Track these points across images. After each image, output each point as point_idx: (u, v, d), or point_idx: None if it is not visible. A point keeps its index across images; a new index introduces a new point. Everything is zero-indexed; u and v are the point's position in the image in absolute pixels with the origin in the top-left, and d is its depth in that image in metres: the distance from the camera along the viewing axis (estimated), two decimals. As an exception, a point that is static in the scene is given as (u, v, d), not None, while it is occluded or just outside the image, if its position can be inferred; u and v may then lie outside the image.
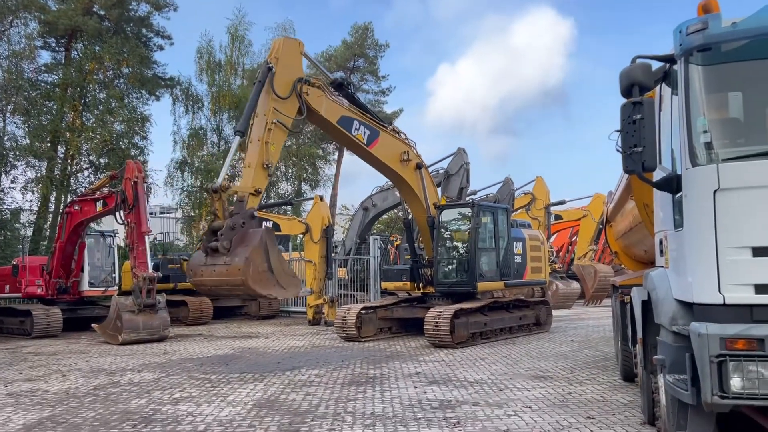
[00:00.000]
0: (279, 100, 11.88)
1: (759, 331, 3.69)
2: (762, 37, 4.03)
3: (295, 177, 36.01)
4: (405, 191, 15.37)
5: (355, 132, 13.71)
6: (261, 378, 9.76)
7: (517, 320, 15.37)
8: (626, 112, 4.22)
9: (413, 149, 15.23)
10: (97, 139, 26.70)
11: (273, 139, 11.75)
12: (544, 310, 16.56)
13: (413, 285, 15.24)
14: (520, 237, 15.97)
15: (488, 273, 14.52)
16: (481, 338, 13.96)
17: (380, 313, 15.08)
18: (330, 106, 13.21)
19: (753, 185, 3.86)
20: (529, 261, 16.06)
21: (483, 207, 14.88)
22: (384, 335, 15.14)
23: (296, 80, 12.23)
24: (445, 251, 14.98)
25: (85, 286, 19.39)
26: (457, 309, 13.21)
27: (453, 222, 15.24)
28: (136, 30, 31.05)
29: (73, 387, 9.47)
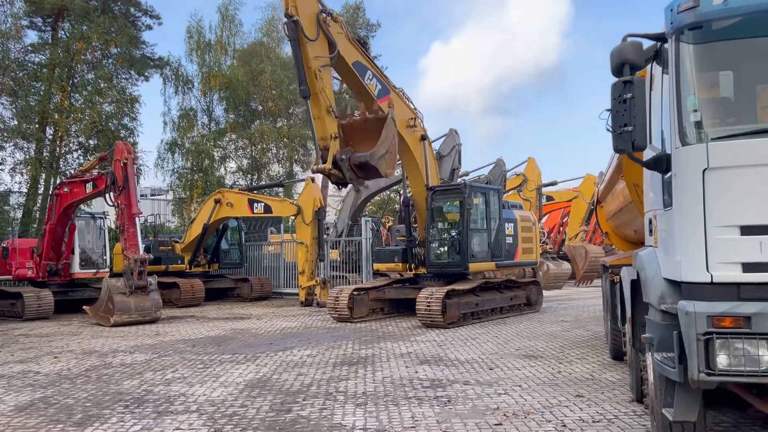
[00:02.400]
0: (313, 44, 12.44)
1: (746, 308, 3.72)
2: (753, 15, 4.01)
3: (286, 158, 35.87)
4: (407, 161, 15.39)
5: (368, 81, 14.03)
6: (253, 359, 9.79)
7: (508, 300, 15.46)
8: (617, 91, 4.21)
9: (419, 120, 15.35)
10: (86, 120, 26.42)
11: (325, 84, 12.65)
12: (535, 291, 16.65)
13: (405, 266, 15.23)
14: (512, 218, 16.01)
15: (480, 254, 14.56)
16: (473, 318, 14.03)
17: (372, 294, 15.11)
18: (347, 46, 13.54)
19: (742, 164, 3.86)
20: (521, 242, 16.12)
21: (475, 188, 14.85)
22: (376, 316, 15.20)
23: (318, 13, 12.69)
24: (437, 232, 14.99)
25: (75, 268, 19.37)
26: (448, 290, 13.26)
27: (445, 203, 15.26)
28: (123, 9, 30.62)
29: (65, 368, 9.47)
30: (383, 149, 12.50)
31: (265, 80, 32.91)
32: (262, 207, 20.64)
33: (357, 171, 12.71)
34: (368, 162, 12.41)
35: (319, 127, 12.59)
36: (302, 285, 19.39)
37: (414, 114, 15.25)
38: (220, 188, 24.94)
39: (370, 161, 12.39)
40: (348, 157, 12.53)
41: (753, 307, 3.71)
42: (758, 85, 4.29)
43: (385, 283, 15.80)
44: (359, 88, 14.19)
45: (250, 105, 34.82)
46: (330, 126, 12.58)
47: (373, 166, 12.43)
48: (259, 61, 33.21)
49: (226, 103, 33.85)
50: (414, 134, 15.06)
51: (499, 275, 15.87)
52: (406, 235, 15.41)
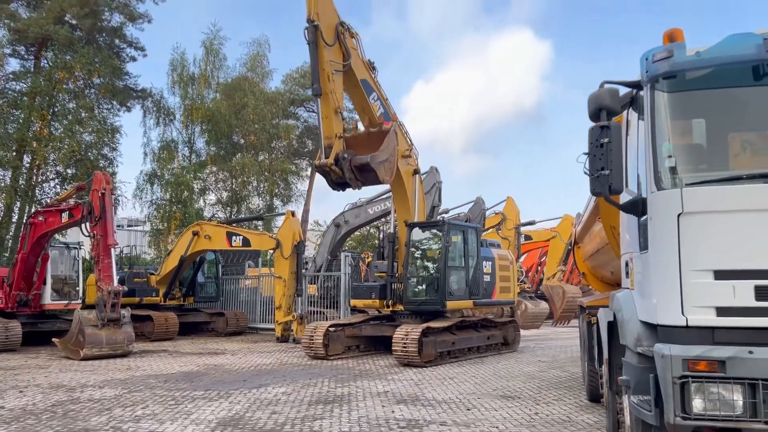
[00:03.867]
0: (329, 49, 13.13)
1: (720, 353, 3.76)
2: (724, 66, 4.16)
3: (267, 192, 35.78)
4: (397, 193, 15.59)
5: (372, 101, 14.61)
6: (226, 396, 9.59)
7: (485, 340, 15.34)
8: (594, 135, 4.30)
9: (415, 155, 15.67)
10: (65, 149, 26.21)
11: (336, 88, 13.23)
12: (512, 330, 16.55)
13: (382, 302, 15.06)
14: (490, 256, 15.99)
15: (457, 292, 14.50)
16: (450, 357, 13.88)
17: (348, 331, 14.94)
18: (358, 62, 14.20)
19: (715, 210, 3.95)
20: (498, 280, 16.08)
21: (453, 226, 14.88)
22: (352, 353, 14.97)
23: (337, 24, 13.55)
24: (415, 269, 14.92)
25: (47, 299, 18.86)
26: (425, 327, 13.15)
27: (423, 240, 15.22)
28: (108, 40, 30.72)
29: (30, 403, 9.17)
30: (384, 155, 13.00)
31: (248, 114, 33.05)
32: (241, 240, 20.45)
33: (357, 173, 13.06)
34: (369, 164, 12.79)
35: (326, 125, 13.04)
36: (279, 320, 19.14)
37: (410, 146, 15.58)
38: (198, 220, 24.73)
39: (371, 163, 12.78)
40: (350, 157, 12.90)
41: (727, 351, 3.74)
42: (730, 134, 4.41)
43: (362, 319, 15.59)
44: (363, 105, 14.68)
45: (231, 138, 34.85)
46: (336, 126, 13.04)
47: (373, 169, 12.80)
48: (243, 95, 33.38)
49: (207, 136, 33.83)
50: (408, 167, 15.32)
51: (477, 314, 15.76)
52: (387, 271, 15.24)
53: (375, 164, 12.80)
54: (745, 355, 3.70)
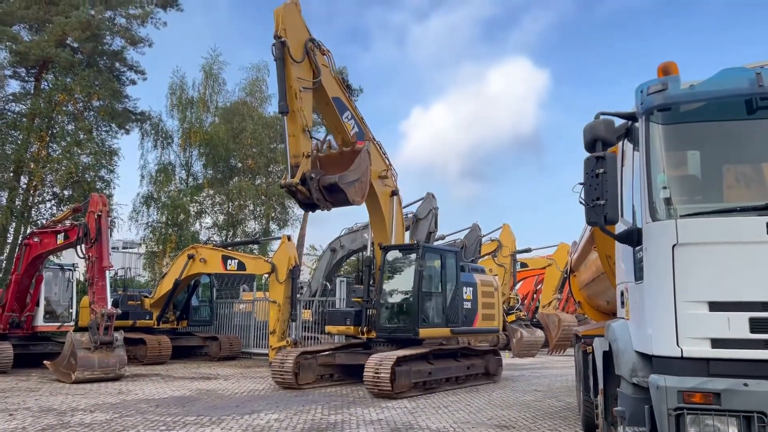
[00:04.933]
0: (297, 66, 12.78)
1: (715, 385, 3.75)
2: (717, 100, 4.23)
3: (263, 216, 35.77)
4: (374, 215, 15.17)
5: (346, 120, 14.18)
6: (218, 422, 9.49)
7: (465, 370, 14.57)
8: (589, 166, 4.35)
9: (393, 175, 15.33)
10: (63, 170, 26.23)
11: (304, 105, 12.82)
12: (494, 360, 15.71)
13: (357, 329, 14.31)
14: (471, 282, 15.26)
15: (433, 319, 13.93)
16: (425, 388, 13.18)
17: (321, 359, 14.26)
18: (330, 79, 13.82)
19: (709, 241, 3.98)
20: (480, 307, 15.33)
21: (428, 249, 14.40)
22: (324, 382, 14.29)
23: (306, 40, 13.18)
24: (389, 294, 14.32)
25: (39, 321, 18.73)
26: (398, 356, 12.48)
27: (398, 264, 14.62)
28: (109, 63, 30.93)
29: (19, 427, 9.06)
30: (354, 176, 12.70)
31: (246, 138, 33.17)
32: (236, 264, 20.36)
33: (326, 194, 12.77)
34: (337, 184, 12.48)
35: (293, 144, 12.67)
36: (272, 345, 18.93)
37: (387, 167, 15.20)
38: (194, 243, 24.68)
39: (339, 183, 12.48)
40: (317, 177, 12.59)
41: (722, 383, 3.74)
42: (724, 166, 4.46)
43: (335, 347, 14.95)
44: (336, 124, 14.27)
45: (229, 162, 34.95)
46: (303, 144, 12.68)
47: (341, 189, 12.49)
48: (241, 120, 33.56)
49: (205, 159, 33.92)
50: (385, 188, 14.94)
51: (455, 342, 15.01)
52: (363, 296, 14.45)
53: (343, 184, 12.51)
54: (740, 387, 3.69)
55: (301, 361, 13.72)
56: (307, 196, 12.71)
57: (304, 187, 12.51)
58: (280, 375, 13.60)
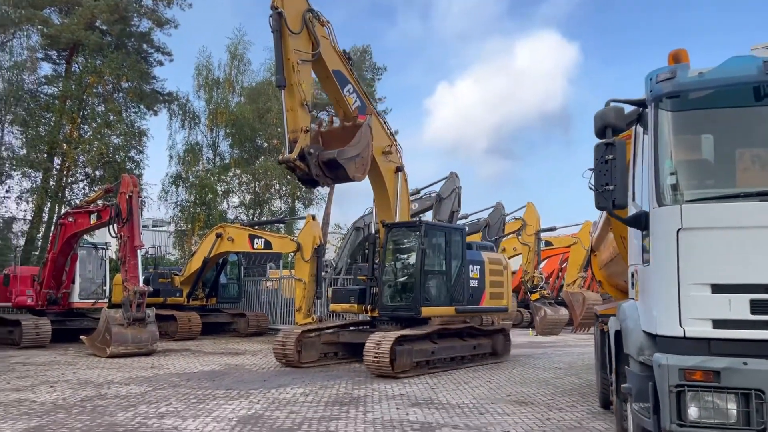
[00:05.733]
0: (295, 37, 12.42)
1: (715, 363, 3.92)
2: (725, 87, 4.32)
3: (288, 195, 36.21)
4: (378, 192, 14.92)
5: (347, 94, 13.79)
6: (246, 395, 9.89)
7: (471, 349, 14.27)
8: (599, 152, 4.49)
9: (398, 150, 15.00)
10: (94, 151, 26.89)
11: (302, 79, 12.42)
12: (502, 340, 15.38)
13: (361, 307, 14.07)
14: (478, 260, 14.84)
15: (436, 297, 13.62)
16: (428, 367, 12.92)
17: (325, 338, 14.15)
18: (330, 51, 13.41)
19: (713, 226, 4.11)
20: (488, 286, 14.92)
21: (431, 226, 14.13)
22: (328, 360, 14.17)
23: (305, 11, 12.78)
24: (392, 273, 14.06)
25: (75, 298, 19.51)
26: (399, 335, 12.20)
27: (400, 241, 14.30)
28: (136, 45, 31.39)
29: (60, 398, 9.57)
30: (354, 151, 12.41)
31: (272, 118, 33.45)
32: (263, 243, 20.78)
33: (325, 170, 12.50)
34: (336, 160, 12.21)
35: (291, 119, 12.38)
36: (299, 322, 19.39)
37: (391, 142, 14.90)
38: (221, 222, 25.19)
39: (338, 158, 12.20)
40: (317, 153, 12.33)
41: (722, 362, 3.90)
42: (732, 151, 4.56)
43: (337, 325, 14.80)
44: (337, 97, 13.93)
45: (255, 141, 35.35)
46: (302, 119, 12.36)
47: (341, 165, 12.22)
48: (266, 100, 33.81)
49: (231, 139, 34.36)
50: (389, 164, 14.64)
51: (459, 321, 14.49)
52: (368, 274, 14.15)
53: (343, 160, 12.21)
54: (739, 366, 3.85)
55: (303, 339, 13.62)
56: (306, 172, 12.44)
57: (302, 162, 12.20)
58: (282, 353, 13.49)
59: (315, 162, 12.24)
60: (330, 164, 12.39)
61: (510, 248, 28.03)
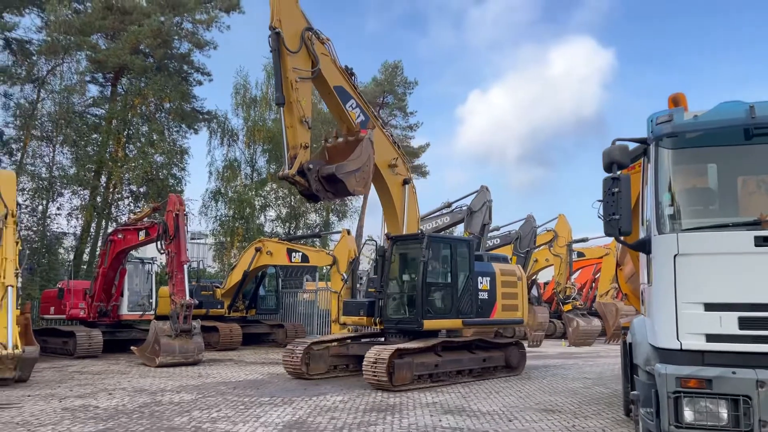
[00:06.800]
0: (293, 56, 12.68)
1: (708, 372, 4.45)
2: (716, 129, 4.88)
3: (323, 208, 37.12)
4: (386, 205, 15.11)
5: (350, 108, 13.97)
6: (289, 402, 10.61)
7: (481, 362, 14.03)
8: (606, 185, 5.07)
9: (405, 163, 15.16)
10: (139, 169, 28.16)
11: (301, 96, 12.67)
12: (516, 352, 14.97)
13: (370, 320, 13.94)
14: (488, 271, 14.56)
15: (441, 309, 13.52)
16: (431, 381, 12.78)
17: (333, 350, 14.17)
18: (331, 68, 13.64)
19: (706, 252, 4.66)
20: (500, 298, 14.62)
21: (435, 239, 14.02)
22: (339, 373, 14.23)
23: (303, 30, 13.02)
24: (396, 285, 14.05)
25: (124, 310, 20.58)
26: (397, 349, 12.12)
27: (404, 254, 14.27)
28: (177, 66, 32.73)
29: (120, 404, 10.43)
30: (354, 165, 12.59)
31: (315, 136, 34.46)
32: (300, 256, 21.66)
33: (325, 184, 12.72)
34: (335, 174, 12.41)
35: (291, 135, 12.66)
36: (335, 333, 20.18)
37: (397, 155, 14.98)
38: (259, 236, 26.18)
39: (337, 173, 12.38)
40: (317, 168, 12.55)
41: (714, 371, 4.44)
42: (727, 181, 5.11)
43: (346, 336, 14.85)
44: (339, 113, 14.14)
45: (291, 157, 36.33)
46: (301, 136, 12.60)
47: (340, 179, 12.41)
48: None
49: (268, 155, 35.43)
50: (396, 176, 14.76)
51: (467, 334, 14.37)
52: (376, 287, 14.05)
53: (342, 174, 12.38)
54: (729, 375, 4.38)
55: (311, 351, 13.71)
56: (306, 187, 12.66)
57: (302, 178, 12.43)
58: (291, 364, 13.66)
59: (315, 177, 12.51)
60: (330, 179, 12.63)
61: (542, 260, 28.38)
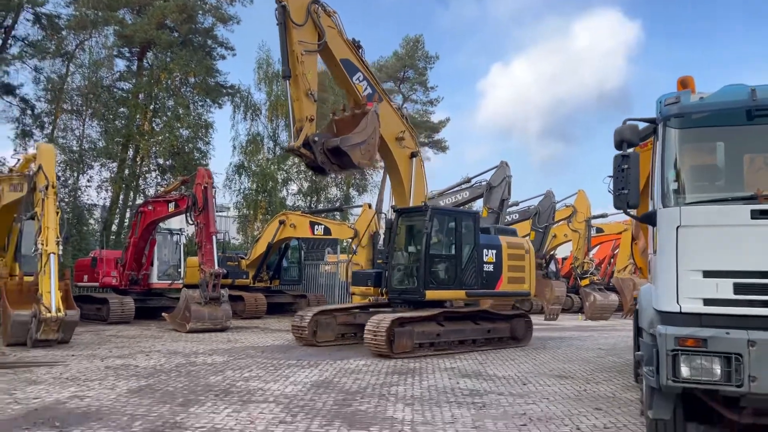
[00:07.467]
0: (299, 29, 12.82)
1: (704, 333, 4.88)
2: (722, 111, 5.25)
3: (344, 182, 37.65)
4: (394, 178, 15.30)
5: (356, 81, 14.16)
6: (316, 365, 11.24)
7: (485, 333, 14.23)
8: (617, 162, 5.47)
9: (413, 136, 15.28)
10: (165, 143, 28.83)
11: (307, 69, 12.88)
12: (522, 324, 15.19)
13: (377, 290, 14.21)
14: (494, 244, 14.68)
15: (444, 281, 13.67)
16: (433, 349, 13.07)
17: (341, 318, 14.57)
18: (338, 40, 13.80)
19: (705, 224, 5.06)
20: (506, 270, 14.75)
21: (438, 212, 14.06)
22: (347, 341, 14.60)
23: (309, 2, 13.15)
24: (401, 257, 14.30)
25: (153, 279, 21.45)
26: (396, 317, 12.44)
27: (408, 226, 14.45)
28: (201, 41, 33.16)
29: (158, 364, 11.14)
30: (359, 138, 12.72)
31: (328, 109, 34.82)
32: (323, 229, 22.27)
33: (331, 157, 12.87)
34: (339, 147, 12.56)
35: (297, 108, 12.84)
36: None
37: (405, 128, 15.03)
38: (282, 209, 26.81)
39: (341, 146, 12.51)
40: (322, 141, 12.71)
41: (709, 332, 4.88)
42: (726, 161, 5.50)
43: (353, 306, 15.25)
44: (347, 86, 14.38)
45: (313, 131, 36.79)
46: (307, 108, 12.77)
47: (345, 152, 12.55)
48: (323, 90, 35.16)
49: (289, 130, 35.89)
50: (403, 150, 14.86)
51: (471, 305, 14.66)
52: (384, 258, 14.31)
53: (346, 147, 12.47)
54: (723, 335, 4.82)
55: (318, 319, 14.12)
56: (311, 159, 12.86)
57: (308, 150, 12.61)
58: (299, 332, 14.10)
59: (320, 150, 12.67)
60: (335, 152, 12.77)
61: (561, 235, 28.67)
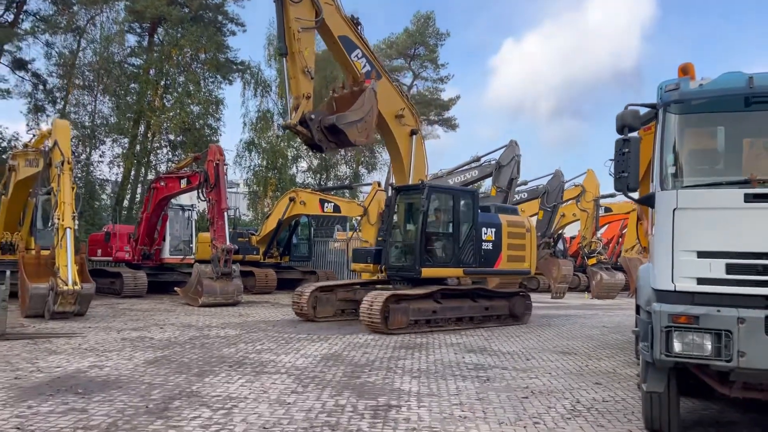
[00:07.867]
0: (296, 6, 12.69)
1: (696, 310, 5.11)
2: (720, 97, 5.41)
3: (353, 160, 37.84)
4: (393, 156, 15.35)
5: (355, 58, 14.02)
6: (325, 339, 11.58)
7: (482, 311, 14.28)
8: (618, 146, 5.65)
9: (413, 112, 15.20)
10: (176, 119, 29.07)
11: (303, 46, 12.79)
12: (521, 302, 15.21)
13: (376, 267, 14.32)
14: (494, 222, 14.67)
15: (441, 258, 13.75)
16: (429, 326, 13.18)
17: (340, 294, 14.75)
18: (336, 17, 13.67)
19: (700, 207, 5.26)
20: (505, 248, 14.73)
21: (435, 189, 13.96)
22: (346, 317, 14.74)
23: None
24: (399, 234, 14.36)
25: (165, 254, 21.85)
26: (391, 294, 12.58)
27: (406, 204, 14.44)
28: (212, 17, 33.21)
29: (172, 336, 11.51)
30: (355, 116, 12.67)
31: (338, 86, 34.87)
32: (332, 207, 22.57)
33: (328, 134, 12.86)
34: (336, 125, 12.57)
35: (293, 86, 12.80)
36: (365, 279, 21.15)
37: (405, 105, 14.99)
38: (292, 186, 27.08)
39: (338, 124, 12.51)
40: (319, 118, 12.66)
41: (701, 309, 5.10)
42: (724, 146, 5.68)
43: (352, 282, 15.42)
44: (345, 63, 14.25)
45: (323, 109, 36.90)
46: (304, 86, 12.70)
47: (341, 130, 12.56)
48: (333, 68, 35.18)
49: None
50: (403, 127, 14.83)
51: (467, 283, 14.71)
52: (382, 235, 14.50)
53: (343, 125, 12.48)
54: (714, 312, 5.04)
55: (318, 295, 14.39)
56: (308, 137, 12.85)
57: (304, 128, 12.58)
58: (299, 307, 14.33)
59: (317, 127, 12.64)
60: (332, 129, 12.76)
61: (569, 214, 28.81)
